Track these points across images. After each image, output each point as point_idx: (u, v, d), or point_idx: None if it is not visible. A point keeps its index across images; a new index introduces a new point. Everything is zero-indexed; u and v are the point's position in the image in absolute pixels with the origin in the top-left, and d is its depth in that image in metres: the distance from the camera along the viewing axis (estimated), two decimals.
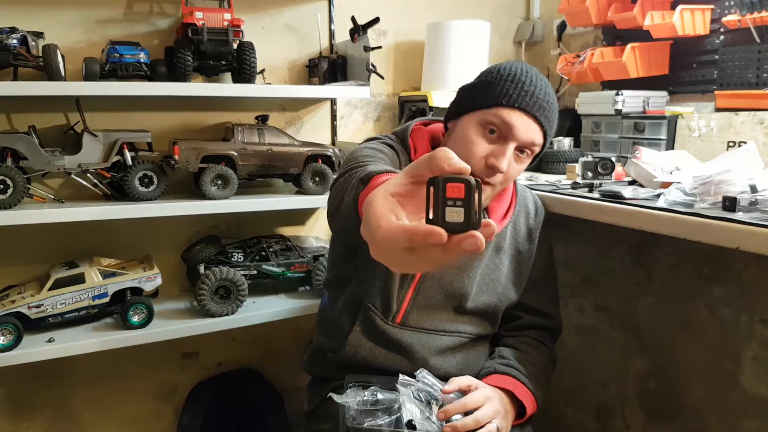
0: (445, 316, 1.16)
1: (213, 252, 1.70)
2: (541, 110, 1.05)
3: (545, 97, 1.06)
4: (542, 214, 1.27)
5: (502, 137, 1.05)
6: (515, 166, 1.09)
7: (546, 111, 1.06)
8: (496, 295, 1.18)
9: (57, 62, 1.40)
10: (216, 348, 1.93)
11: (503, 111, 1.04)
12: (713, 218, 0.97)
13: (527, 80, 1.05)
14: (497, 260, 1.19)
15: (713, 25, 1.60)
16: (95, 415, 1.82)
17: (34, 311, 1.46)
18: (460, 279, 1.15)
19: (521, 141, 1.05)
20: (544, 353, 1.22)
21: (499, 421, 0.99)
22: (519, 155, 1.08)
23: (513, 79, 1.05)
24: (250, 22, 1.74)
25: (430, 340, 1.14)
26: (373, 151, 1.05)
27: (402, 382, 1.01)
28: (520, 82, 1.05)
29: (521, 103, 1.04)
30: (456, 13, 2.10)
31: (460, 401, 0.98)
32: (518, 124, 1.04)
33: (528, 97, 1.04)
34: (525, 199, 1.26)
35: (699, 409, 1.53)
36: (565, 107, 2.10)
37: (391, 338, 1.13)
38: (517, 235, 1.22)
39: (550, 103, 1.08)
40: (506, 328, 1.27)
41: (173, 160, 1.56)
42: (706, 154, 1.44)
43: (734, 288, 1.43)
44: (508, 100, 1.04)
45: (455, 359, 1.17)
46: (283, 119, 1.92)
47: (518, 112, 1.04)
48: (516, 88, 1.04)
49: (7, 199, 1.38)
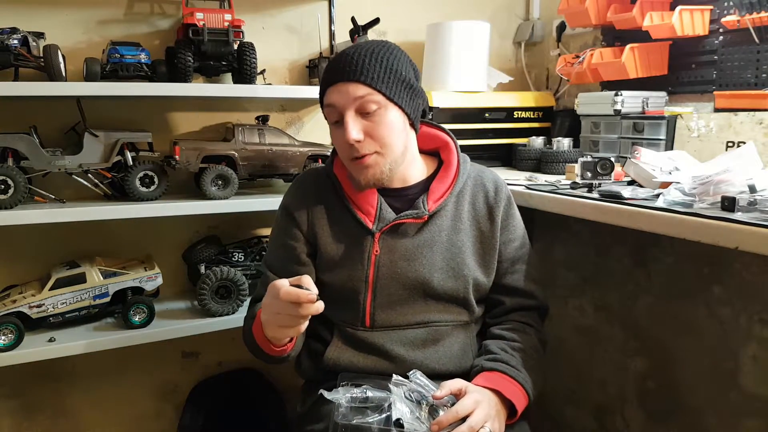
0: (413, 309, 1.15)
1: (213, 252, 1.70)
2: (350, 70, 1.07)
3: (355, 55, 1.08)
4: (504, 193, 1.24)
5: (339, 117, 1.10)
6: (373, 125, 1.09)
7: (355, 65, 1.07)
8: (462, 278, 1.16)
9: (58, 62, 1.40)
10: (216, 348, 1.93)
11: (325, 98, 1.12)
12: (712, 218, 0.98)
13: (337, 59, 1.10)
14: (458, 242, 1.17)
15: (712, 26, 1.60)
16: (96, 414, 1.82)
17: (35, 311, 1.47)
18: (413, 269, 1.14)
19: (346, 106, 1.08)
20: (531, 335, 1.19)
21: (491, 424, 0.98)
22: (367, 113, 1.09)
23: (327, 68, 1.12)
24: (250, 23, 1.74)
25: (403, 336, 1.14)
26: (273, 260, 1.23)
27: (395, 381, 1.01)
28: (331, 65, 1.11)
29: (331, 79, 1.09)
30: (456, 13, 2.10)
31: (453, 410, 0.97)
32: (335, 97, 1.09)
33: (334, 72, 1.09)
34: (482, 178, 1.24)
35: (698, 408, 1.53)
36: (564, 107, 2.11)
37: (365, 343, 1.14)
38: (477, 215, 1.20)
39: (361, 56, 1.08)
40: (491, 316, 1.25)
41: (174, 161, 1.56)
42: (705, 155, 1.44)
43: (734, 288, 1.44)
44: (325, 85, 1.11)
45: (437, 353, 1.15)
46: (284, 119, 1.92)
47: (332, 88, 1.10)
48: (328, 72, 1.11)
49: (8, 199, 1.39)
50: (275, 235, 1.25)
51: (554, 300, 1.96)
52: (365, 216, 1.16)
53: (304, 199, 1.21)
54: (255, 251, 1.76)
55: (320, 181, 1.23)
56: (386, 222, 1.15)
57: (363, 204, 1.17)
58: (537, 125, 2.05)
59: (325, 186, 1.22)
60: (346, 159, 1.14)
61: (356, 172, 1.13)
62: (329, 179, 1.23)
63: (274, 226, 1.26)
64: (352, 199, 1.18)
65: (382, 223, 1.15)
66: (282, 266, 1.19)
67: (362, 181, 1.13)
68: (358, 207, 1.17)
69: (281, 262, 1.20)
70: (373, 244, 1.14)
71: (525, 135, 1.95)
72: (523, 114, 2.03)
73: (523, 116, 2.03)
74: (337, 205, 1.19)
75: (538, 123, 2.06)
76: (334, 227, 1.18)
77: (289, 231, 1.20)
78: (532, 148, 1.85)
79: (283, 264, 1.19)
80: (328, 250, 1.17)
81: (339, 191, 1.19)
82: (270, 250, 1.27)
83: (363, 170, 1.12)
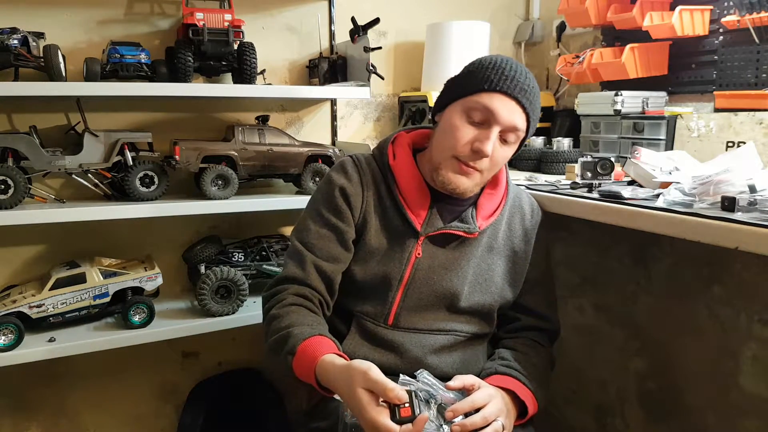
0: (438, 316, 1.17)
1: (214, 252, 1.71)
2: (522, 92, 1.08)
3: (525, 81, 1.09)
4: (538, 216, 1.27)
5: (486, 122, 1.08)
6: (500, 151, 1.11)
7: (527, 93, 1.08)
8: (490, 295, 1.19)
9: (58, 62, 1.40)
10: (216, 348, 1.93)
11: (484, 96, 1.07)
12: (712, 218, 0.97)
13: (507, 66, 1.08)
14: (489, 260, 1.19)
15: (712, 26, 1.60)
16: (96, 414, 1.82)
17: (35, 311, 1.47)
18: (448, 279, 1.15)
19: (504, 124, 1.08)
20: (543, 354, 1.23)
21: (504, 420, 1.00)
22: (504, 141, 1.11)
23: (493, 67, 1.08)
24: (250, 23, 1.74)
25: (423, 340, 1.15)
26: (314, 238, 1.14)
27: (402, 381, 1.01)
28: (500, 69, 1.08)
29: (501, 86, 1.06)
30: (456, 13, 2.10)
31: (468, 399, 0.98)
32: (499, 107, 1.07)
33: (508, 81, 1.07)
34: (520, 200, 1.26)
35: (698, 408, 1.53)
36: (564, 107, 2.11)
37: (384, 339, 1.14)
38: (513, 236, 1.22)
39: (531, 87, 1.10)
40: (504, 330, 1.27)
41: (174, 161, 1.56)
42: (705, 155, 1.44)
43: (734, 288, 1.43)
44: (489, 85, 1.07)
45: (452, 358, 1.17)
46: (284, 119, 1.92)
47: (499, 95, 1.07)
48: (496, 74, 1.07)
49: (8, 199, 1.39)
50: (318, 213, 1.16)
51: None
52: (415, 217, 1.15)
53: (361, 184, 1.17)
54: (255, 251, 1.76)
55: (375, 171, 1.19)
56: (435, 228, 1.15)
57: (415, 205, 1.15)
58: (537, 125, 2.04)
59: (380, 177, 1.19)
60: (451, 155, 1.11)
61: (453, 173, 1.11)
62: (383, 171, 1.19)
63: (318, 203, 1.18)
64: (405, 198, 1.16)
65: (430, 228, 1.15)
66: (323, 246, 1.13)
67: (451, 185, 1.12)
68: (410, 207, 1.15)
69: (323, 241, 1.13)
70: (416, 246, 1.14)
71: None
72: None
73: None
74: (389, 199, 1.17)
75: (538, 123, 2.05)
76: (382, 221, 1.16)
77: (341, 212, 1.14)
78: (532, 148, 1.85)
79: (325, 244, 1.13)
80: (372, 242, 1.15)
81: (393, 186, 1.17)
82: (307, 228, 1.16)
83: (461, 176, 1.11)
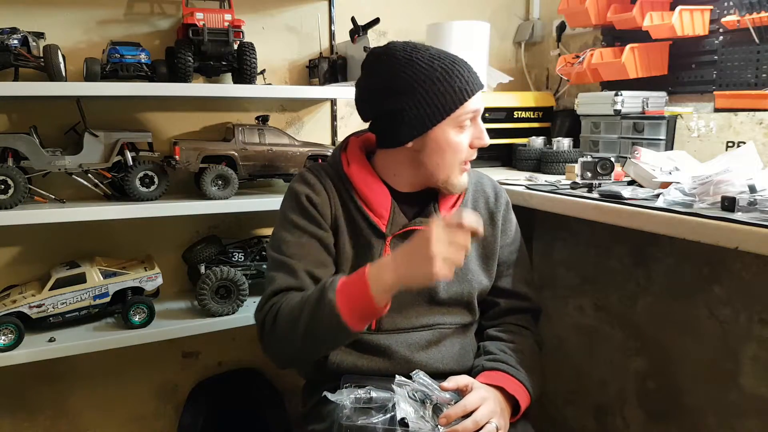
0: (419, 312, 1.17)
1: (214, 252, 1.70)
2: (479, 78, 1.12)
3: (470, 66, 1.13)
4: (503, 198, 1.27)
5: (473, 119, 1.13)
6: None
7: (476, 74, 1.13)
8: (468, 283, 1.19)
9: (58, 63, 1.40)
10: (216, 348, 1.93)
11: (468, 103, 1.09)
12: (712, 218, 0.98)
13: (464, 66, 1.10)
14: None
15: (712, 26, 1.60)
16: (96, 414, 1.82)
17: (35, 311, 1.47)
18: None
19: (480, 110, 1.14)
20: (528, 338, 1.22)
21: (497, 420, 1.00)
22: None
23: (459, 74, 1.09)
24: (250, 23, 1.74)
25: (409, 338, 1.15)
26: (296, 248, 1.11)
27: (398, 382, 1.01)
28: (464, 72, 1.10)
29: (475, 86, 1.10)
30: (456, 13, 2.10)
31: (460, 404, 0.98)
32: (479, 102, 1.12)
33: (474, 77, 1.10)
34: (482, 184, 1.27)
35: (698, 408, 1.53)
36: (564, 107, 2.11)
37: (370, 345, 1.14)
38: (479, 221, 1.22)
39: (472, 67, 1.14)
40: (486, 318, 1.27)
41: (174, 161, 1.56)
42: (705, 155, 1.44)
43: (734, 288, 1.44)
44: (468, 93, 1.09)
45: (441, 353, 1.17)
46: (284, 119, 1.92)
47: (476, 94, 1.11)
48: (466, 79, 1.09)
49: (8, 199, 1.39)
50: (293, 224, 1.15)
51: (554, 300, 1.96)
52: (378, 219, 1.15)
53: (325, 192, 1.17)
54: (255, 251, 1.75)
55: (334, 179, 1.20)
56: (399, 226, 1.15)
57: (377, 207, 1.15)
58: (537, 125, 2.05)
59: (340, 185, 1.19)
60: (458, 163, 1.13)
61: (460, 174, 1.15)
62: (341, 179, 1.19)
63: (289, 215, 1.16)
64: (366, 201, 1.16)
65: (395, 228, 1.15)
66: (308, 254, 1.12)
67: (460, 185, 1.16)
68: (372, 210, 1.15)
69: (306, 249, 1.13)
70: (385, 247, 1.14)
71: (525, 135, 1.95)
72: (523, 114, 2.03)
73: (523, 116, 2.03)
74: (350, 205, 1.17)
75: (538, 123, 2.06)
76: (350, 226, 1.17)
77: (316, 219, 1.14)
78: (532, 148, 1.85)
79: (308, 252, 1.12)
80: (345, 248, 1.15)
81: (352, 192, 1.17)
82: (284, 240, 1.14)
83: (465, 174, 1.16)
